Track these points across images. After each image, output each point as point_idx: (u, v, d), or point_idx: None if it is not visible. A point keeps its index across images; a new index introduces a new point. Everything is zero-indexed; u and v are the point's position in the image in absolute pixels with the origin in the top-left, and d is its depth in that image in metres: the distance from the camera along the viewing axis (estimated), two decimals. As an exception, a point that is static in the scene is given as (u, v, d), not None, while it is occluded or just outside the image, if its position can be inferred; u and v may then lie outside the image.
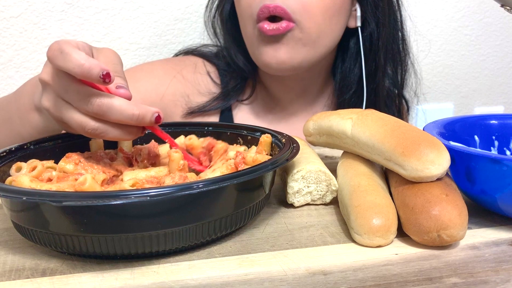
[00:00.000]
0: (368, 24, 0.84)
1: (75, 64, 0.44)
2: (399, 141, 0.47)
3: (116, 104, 0.46)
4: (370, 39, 0.85)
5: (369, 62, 0.85)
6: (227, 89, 0.87)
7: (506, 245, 0.44)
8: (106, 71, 0.44)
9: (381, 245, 0.43)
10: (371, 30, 0.84)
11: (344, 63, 0.87)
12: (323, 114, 0.59)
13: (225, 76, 0.88)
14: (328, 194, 0.53)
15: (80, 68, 0.44)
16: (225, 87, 0.87)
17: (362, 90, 0.86)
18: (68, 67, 0.44)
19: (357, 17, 0.83)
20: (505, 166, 0.44)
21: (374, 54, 0.85)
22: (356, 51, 0.86)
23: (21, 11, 0.96)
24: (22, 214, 0.41)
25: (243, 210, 0.45)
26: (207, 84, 0.88)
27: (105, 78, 0.44)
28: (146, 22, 1.04)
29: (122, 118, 0.46)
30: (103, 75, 0.44)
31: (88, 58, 0.44)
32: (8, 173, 0.49)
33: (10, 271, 0.40)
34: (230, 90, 0.87)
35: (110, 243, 0.39)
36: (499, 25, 1.31)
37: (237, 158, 0.50)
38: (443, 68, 1.31)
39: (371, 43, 0.85)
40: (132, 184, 0.44)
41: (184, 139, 0.59)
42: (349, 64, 0.87)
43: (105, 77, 0.44)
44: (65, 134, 0.57)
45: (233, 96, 0.87)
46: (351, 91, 0.87)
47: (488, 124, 0.59)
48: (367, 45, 0.85)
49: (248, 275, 0.39)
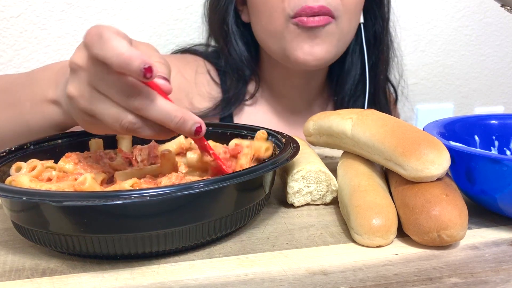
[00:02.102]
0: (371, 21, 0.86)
1: (114, 52, 0.39)
2: (399, 141, 0.47)
3: (159, 102, 0.42)
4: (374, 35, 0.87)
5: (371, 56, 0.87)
6: (228, 96, 0.86)
7: (506, 245, 0.44)
8: (148, 64, 0.39)
9: (381, 245, 0.43)
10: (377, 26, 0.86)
11: (345, 58, 0.88)
12: (323, 114, 0.59)
13: (225, 76, 0.88)
14: (328, 194, 0.53)
15: (119, 58, 0.39)
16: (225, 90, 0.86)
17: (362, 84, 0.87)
18: (106, 55, 0.40)
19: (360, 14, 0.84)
20: (505, 166, 0.44)
21: (376, 49, 0.88)
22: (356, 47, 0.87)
23: (21, 11, 0.96)
24: (22, 214, 0.41)
25: (243, 210, 0.44)
26: (208, 85, 0.87)
27: (146, 73, 0.39)
28: (146, 22, 1.04)
29: (162, 118, 0.42)
30: (144, 68, 0.39)
31: (130, 48, 0.39)
32: (8, 173, 0.49)
33: (10, 271, 0.40)
34: (231, 97, 0.86)
35: (110, 243, 0.39)
36: (499, 25, 1.31)
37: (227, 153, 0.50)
38: (443, 68, 1.31)
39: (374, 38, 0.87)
40: (132, 184, 0.44)
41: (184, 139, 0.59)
42: (350, 59, 0.88)
43: (147, 72, 0.39)
44: (65, 134, 0.57)
45: (235, 103, 0.86)
46: (352, 86, 0.88)
47: (488, 124, 0.59)
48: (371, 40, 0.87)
49: (248, 275, 0.39)
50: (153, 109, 0.42)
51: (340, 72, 0.89)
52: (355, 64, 0.88)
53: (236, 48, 0.86)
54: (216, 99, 0.86)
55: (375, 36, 0.87)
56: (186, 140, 0.59)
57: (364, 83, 0.87)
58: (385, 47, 0.88)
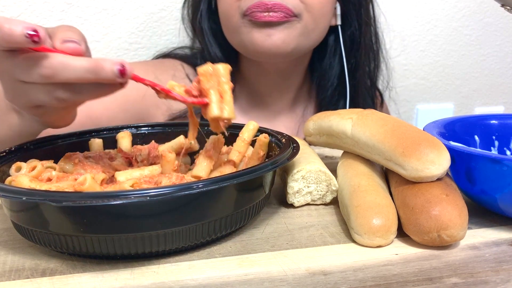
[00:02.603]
0: (349, 23, 0.86)
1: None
2: (399, 141, 0.47)
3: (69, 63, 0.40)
4: (351, 38, 0.87)
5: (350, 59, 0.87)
6: None
7: (506, 245, 0.44)
8: (30, 27, 0.37)
9: (381, 245, 0.43)
10: (353, 30, 0.86)
11: (323, 60, 0.88)
12: (323, 114, 0.59)
13: None
14: (328, 194, 0.53)
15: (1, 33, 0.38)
16: None
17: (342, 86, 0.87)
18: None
19: (337, 15, 0.84)
20: (505, 166, 0.44)
21: (355, 52, 0.87)
22: (335, 48, 0.87)
23: (21, 11, 0.96)
24: (22, 214, 0.41)
25: (243, 210, 0.44)
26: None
27: (33, 37, 0.37)
28: (146, 22, 1.04)
29: (80, 75, 0.41)
30: (28, 33, 0.37)
31: (6, 19, 0.38)
32: (7, 173, 0.49)
33: (10, 271, 0.40)
34: None
35: (110, 243, 0.39)
36: (499, 25, 1.31)
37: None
38: (443, 68, 1.31)
39: (352, 41, 0.87)
40: (132, 184, 0.44)
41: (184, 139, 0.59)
42: (328, 61, 0.88)
43: (32, 36, 0.37)
44: (65, 134, 0.57)
45: None
46: (332, 87, 0.88)
47: (488, 124, 0.59)
48: (348, 43, 0.86)
49: (248, 275, 0.39)
50: (65, 71, 0.41)
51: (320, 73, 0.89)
52: (334, 66, 0.88)
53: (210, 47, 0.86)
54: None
55: (352, 39, 0.87)
56: (186, 140, 0.59)
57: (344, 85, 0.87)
58: (363, 51, 0.87)
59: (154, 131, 0.62)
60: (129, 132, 0.59)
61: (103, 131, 0.60)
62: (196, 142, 0.60)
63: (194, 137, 0.50)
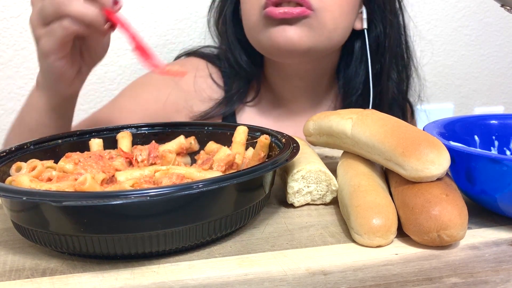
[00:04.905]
0: (374, 27, 0.84)
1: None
2: (399, 141, 0.47)
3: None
4: (376, 42, 0.85)
5: (375, 64, 0.85)
6: (230, 94, 0.86)
7: (506, 245, 0.44)
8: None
9: (381, 245, 0.43)
10: (377, 33, 0.84)
11: (349, 66, 0.87)
12: (323, 114, 0.59)
13: (228, 78, 0.88)
14: (328, 194, 0.53)
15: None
16: (228, 91, 0.87)
17: (367, 93, 0.85)
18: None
19: (363, 19, 0.83)
20: (505, 166, 0.44)
21: (380, 57, 0.85)
22: (361, 54, 0.86)
23: (21, 11, 0.96)
24: (22, 214, 0.41)
25: (243, 210, 0.44)
26: (209, 89, 0.87)
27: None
28: (146, 22, 1.04)
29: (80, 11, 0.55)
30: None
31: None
32: (8, 173, 0.49)
33: (10, 271, 0.40)
34: (233, 95, 0.86)
35: (110, 243, 0.39)
36: (499, 25, 1.31)
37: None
38: (443, 68, 1.31)
39: (377, 45, 0.85)
40: (132, 184, 0.44)
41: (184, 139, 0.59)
42: (354, 67, 0.87)
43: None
44: (65, 134, 0.57)
45: (236, 101, 0.86)
46: (357, 93, 0.86)
47: (488, 124, 0.59)
48: (373, 47, 0.85)
49: (248, 275, 0.39)
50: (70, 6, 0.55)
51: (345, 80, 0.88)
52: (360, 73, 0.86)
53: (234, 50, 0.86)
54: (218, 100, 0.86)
55: (377, 43, 0.85)
56: (186, 140, 0.60)
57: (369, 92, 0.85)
58: (388, 54, 0.85)
59: (154, 131, 0.62)
60: (129, 132, 0.59)
61: (103, 131, 0.60)
62: (196, 142, 0.61)
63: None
